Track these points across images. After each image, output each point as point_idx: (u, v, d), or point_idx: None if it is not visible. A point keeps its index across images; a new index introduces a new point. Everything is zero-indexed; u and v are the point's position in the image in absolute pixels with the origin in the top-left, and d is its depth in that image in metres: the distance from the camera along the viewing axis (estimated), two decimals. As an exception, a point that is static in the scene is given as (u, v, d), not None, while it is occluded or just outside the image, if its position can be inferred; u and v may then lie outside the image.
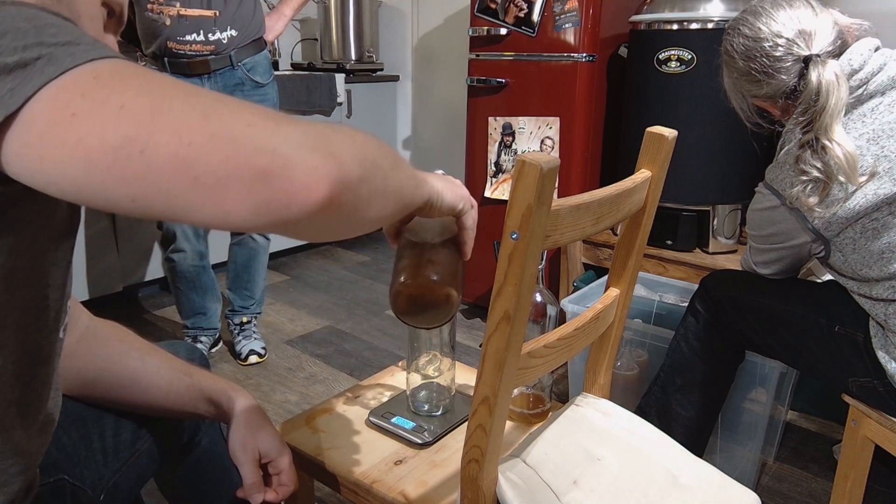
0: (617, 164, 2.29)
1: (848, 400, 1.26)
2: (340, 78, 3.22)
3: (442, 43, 3.53)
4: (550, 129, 2.26)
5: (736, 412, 1.57)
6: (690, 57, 1.90)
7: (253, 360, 2.23)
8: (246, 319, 2.28)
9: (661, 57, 1.95)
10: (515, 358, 0.71)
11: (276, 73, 2.51)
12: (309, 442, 1.00)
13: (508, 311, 0.66)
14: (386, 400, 1.11)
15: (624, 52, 2.19)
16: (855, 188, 1.09)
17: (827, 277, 1.38)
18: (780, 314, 1.28)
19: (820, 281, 1.44)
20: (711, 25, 1.87)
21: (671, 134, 0.88)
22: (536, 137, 2.29)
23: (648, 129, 0.88)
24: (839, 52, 1.14)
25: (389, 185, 0.52)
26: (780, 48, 1.15)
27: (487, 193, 2.42)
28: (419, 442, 0.99)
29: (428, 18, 3.58)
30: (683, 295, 1.85)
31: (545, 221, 0.64)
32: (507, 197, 0.98)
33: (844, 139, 1.07)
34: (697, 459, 0.94)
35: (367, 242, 3.64)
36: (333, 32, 3.42)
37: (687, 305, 1.43)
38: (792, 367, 1.43)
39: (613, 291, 0.96)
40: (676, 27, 1.93)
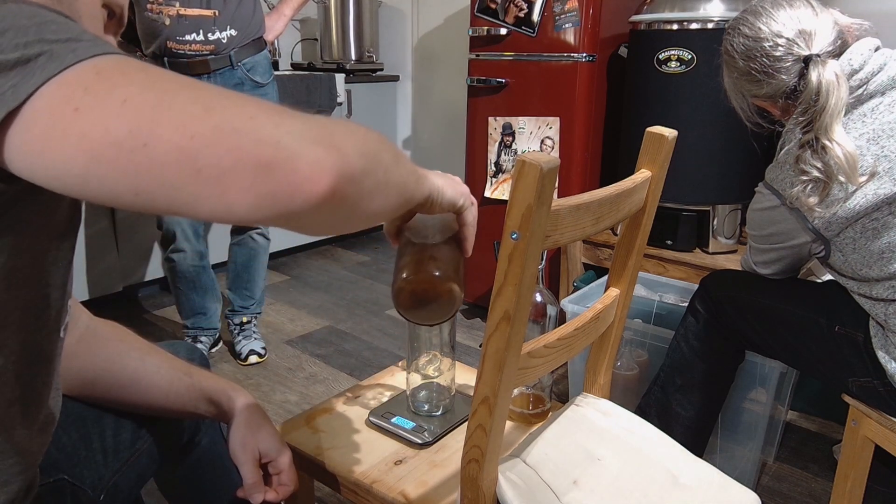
0: (617, 164, 2.29)
1: (848, 400, 1.26)
2: (340, 78, 3.22)
3: (442, 43, 3.53)
4: (550, 129, 2.26)
5: (736, 412, 1.57)
6: (690, 57, 1.90)
7: (253, 360, 2.23)
8: (246, 319, 2.28)
9: (661, 57, 1.95)
10: (515, 358, 0.71)
11: (276, 73, 2.51)
12: (309, 442, 1.00)
13: (508, 311, 0.66)
14: (386, 400, 1.11)
15: (624, 52, 2.19)
16: (855, 188, 1.09)
17: (827, 277, 1.38)
18: (780, 314, 1.28)
19: (820, 281, 1.44)
20: (711, 25, 1.87)
21: (671, 134, 0.88)
22: (536, 137, 2.29)
23: (648, 129, 0.88)
24: (839, 52, 1.14)
25: (391, 178, 0.52)
26: (780, 48, 1.15)
27: (487, 193, 2.42)
28: (419, 442, 0.99)
29: (428, 18, 3.58)
30: (683, 295, 1.85)
31: (545, 221, 0.64)
32: (507, 197, 0.98)
33: (844, 139, 1.07)
34: (697, 459, 0.94)
35: (367, 242, 3.64)
36: (333, 32, 3.42)
37: (687, 305, 1.43)
38: (792, 367, 1.43)
39: (613, 291, 0.96)
40: (676, 27, 1.93)
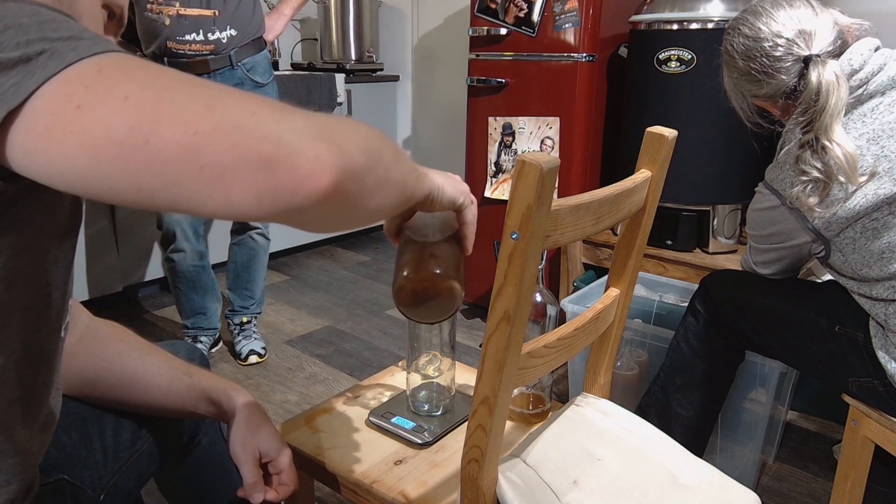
0: (617, 164, 2.29)
1: (848, 400, 1.26)
2: (340, 78, 3.22)
3: (442, 43, 3.53)
4: (550, 129, 2.26)
5: (736, 412, 1.57)
6: (690, 57, 1.90)
7: (253, 360, 2.23)
8: (246, 319, 2.28)
9: (661, 57, 1.95)
10: (515, 358, 0.71)
11: (276, 73, 2.51)
12: (309, 442, 1.00)
13: (508, 311, 0.66)
14: (386, 400, 1.11)
15: (624, 52, 2.19)
16: (855, 188, 1.09)
17: (827, 277, 1.38)
18: (780, 314, 1.28)
19: (820, 281, 1.44)
20: (711, 25, 1.87)
21: (671, 134, 0.88)
22: (536, 137, 2.29)
23: (648, 129, 0.88)
24: (839, 52, 1.14)
25: (392, 176, 0.52)
26: (780, 48, 1.15)
27: (487, 193, 2.42)
28: (419, 442, 0.99)
29: (428, 18, 3.58)
30: (683, 295, 1.85)
31: (545, 221, 0.64)
32: (507, 197, 0.98)
33: (844, 139, 1.07)
34: (697, 459, 0.94)
35: (366, 242, 3.64)
36: (333, 32, 3.42)
37: (687, 305, 1.43)
38: (792, 367, 1.43)
39: (613, 291, 0.96)
40: (676, 27, 1.93)
